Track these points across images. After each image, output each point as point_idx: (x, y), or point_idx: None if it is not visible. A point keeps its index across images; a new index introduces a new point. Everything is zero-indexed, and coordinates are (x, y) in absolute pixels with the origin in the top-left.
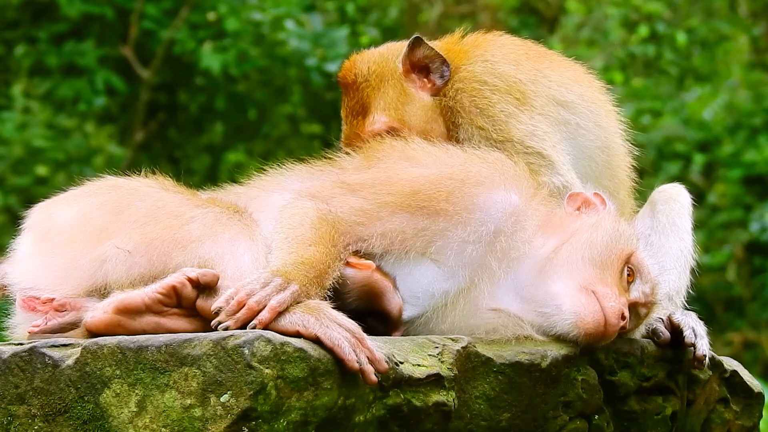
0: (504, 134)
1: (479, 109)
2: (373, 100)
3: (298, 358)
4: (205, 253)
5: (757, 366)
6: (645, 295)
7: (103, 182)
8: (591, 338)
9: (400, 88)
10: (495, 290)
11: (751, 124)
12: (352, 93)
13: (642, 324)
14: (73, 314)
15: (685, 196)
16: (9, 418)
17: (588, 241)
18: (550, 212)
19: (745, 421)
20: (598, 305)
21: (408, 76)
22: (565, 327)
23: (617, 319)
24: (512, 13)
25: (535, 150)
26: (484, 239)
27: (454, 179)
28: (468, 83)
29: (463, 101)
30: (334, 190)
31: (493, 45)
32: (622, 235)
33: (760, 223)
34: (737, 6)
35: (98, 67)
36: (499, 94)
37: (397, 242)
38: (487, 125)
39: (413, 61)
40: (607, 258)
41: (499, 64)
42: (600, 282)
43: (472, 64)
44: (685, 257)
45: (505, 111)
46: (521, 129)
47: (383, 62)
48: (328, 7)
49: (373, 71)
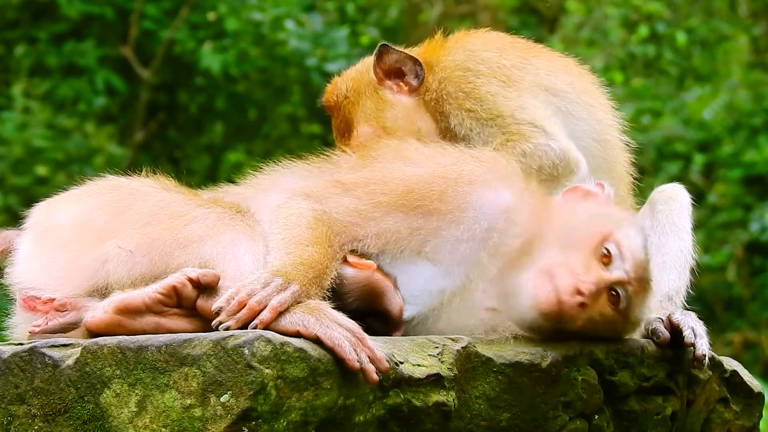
0: (493, 111)
1: (465, 93)
2: (354, 115)
3: (298, 358)
4: (206, 253)
5: (757, 366)
6: (627, 273)
7: (104, 182)
8: (549, 318)
9: (376, 97)
10: (488, 287)
11: (751, 124)
12: (336, 114)
13: (642, 304)
14: (73, 314)
15: (684, 195)
16: (9, 418)
17: (557, 226)
18: (543, 205)
19: (745, 421)
20: (551, 284)
21: (383, 84)
22: (525, 311)
23: (569, 295)
24: (512, 13)
25: (526, 120)
26: (478, 237)
27: (447, 178)
28: (451, 71)
29: (448, 89)
30: (328, 189)
31: (475, 36)
32: (599, 217)
33: (760, 223)
34: (737, 6)
35: (98, 67)
36: (484, 77)
37: (392, 242)
38: (475, 106)
39: (384, 68)
40: (575, 239)
41: (481, 51)
42: (560, 263)
43: (454, 54)
44: (684, 257)
45: (491, 91)
46: (509, 104)
47: (359, 77)
48: (328, 7)
49: (351, 87)
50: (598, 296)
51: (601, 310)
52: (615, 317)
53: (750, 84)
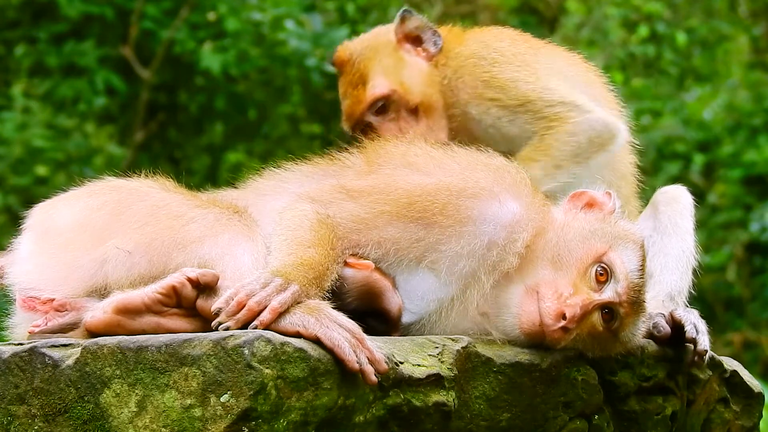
0: (519, 97)
1: (484, 82)
2: (371, 68)
3: (298, 358)
4: (205, 253)
5: (757, 366)
6: (619, 295)
7: (103, 183)
8: (531, 338)
9: (395, 56)
10: (483, 299)
11: (751, 124)
12: (348, 68)
13: (633, 325)
14: (73, 314)
15: (687, 197)
16: (9, 418)
17: (554, 241)
18: (547, 215)
19: (745, 421)
20: (536, 306)
21: (402, 46)
22: (508, 328)
23: (552, 319)
24: (512, 13)
25: (556, 100)
26: (478, 253)
27: (450, 190)
28: (466, 60)
29: (464, 78)
30: (333, 194)
31: (486, 30)
32: (593, 234)
33: (760, 223)
34: (737, 6)
35: (98, 67)
36: (499, 65)
37: (392, 251)
38: (498, 95)
39: (405, 32)
40: (569, 257)
41: (494, 42)
42: (549, 282)
43: (468, 45)
44: (687, 257)
45: (511, 78)
46: (533, 88)
47: (375, 38)
48: (328, 7)
49: (367, 46)
50: (586, 317)
51: (590, 329)
52: (605, 336)
53: (750, 84)
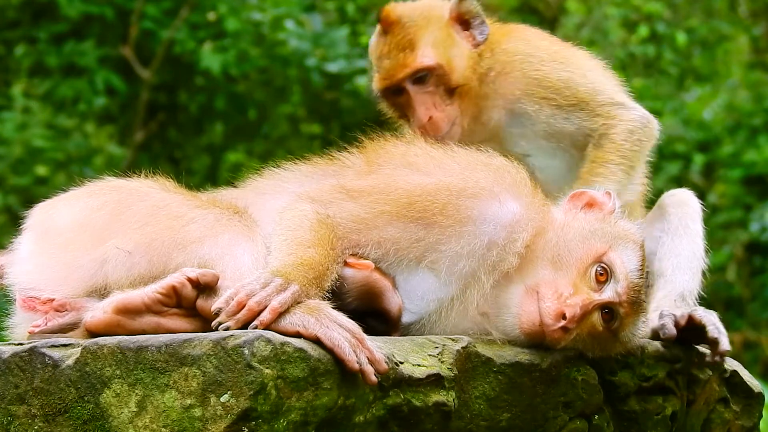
0: (572, 98)
1: (535, 80)
2: (421, 36)
3: (298, 358)
4: (205, 253)
5: (757, 366)
6: (619, 294)
7: (103, 183)
8: (531, 338)
9: (447, 31)
10: (483, 299)
11: (751, 124)
12: (397, 30)
13: (633, 325)
14: (73, 314)
15: (695, 201)
16: (9, 418)
17: (554, 241)
18: (547, 215)
19: (745, 421)
20: (536, 305)
21: (453, 25)
22: (508, 328)
23: (552, 319)
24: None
25: (606, 101)
26: (477, 253)
27: (450, 190)
28: (513, 56)
29: (514, 74)
30: (333, 194)
31: (523, 28)
32: (593, 234)
33: (760, 223)
34: (737, 6)
35: (98, 67)
36: (547, 63)
37: (392, 251)
38: (552, 95)
39: (460, 11)
40: (569, 256)
41: (536, 40)
42: (549, 282)
43: (512, 42)
44: (698, 259)
45: (561, 78)
46: (584, 88)
47: (429, 9)
48: (328, 7)
49: (419, 13)
50: (586, 317)
51: (590, 329)
52: (605, 336)
53: (750, 84)
